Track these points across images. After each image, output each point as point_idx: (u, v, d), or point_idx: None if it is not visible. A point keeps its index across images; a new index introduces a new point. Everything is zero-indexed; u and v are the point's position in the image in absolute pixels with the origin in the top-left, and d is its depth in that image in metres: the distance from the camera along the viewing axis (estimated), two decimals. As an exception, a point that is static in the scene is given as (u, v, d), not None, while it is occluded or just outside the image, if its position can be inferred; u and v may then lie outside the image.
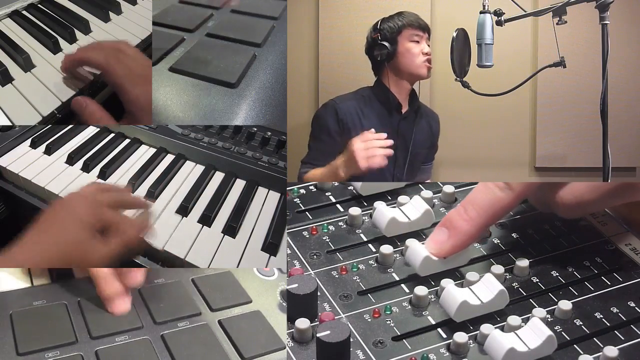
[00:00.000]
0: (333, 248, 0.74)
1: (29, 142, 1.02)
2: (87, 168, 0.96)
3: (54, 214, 0.67)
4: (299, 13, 1.52)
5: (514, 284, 0.70)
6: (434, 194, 0.81)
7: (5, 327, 0.65)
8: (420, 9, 1.43)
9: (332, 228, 0.77)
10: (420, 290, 0.67)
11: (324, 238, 0.75)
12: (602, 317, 0.67)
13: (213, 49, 0.98)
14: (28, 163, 0.96)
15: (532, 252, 0.74)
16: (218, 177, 0.96)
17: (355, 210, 0.77)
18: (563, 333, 0.65)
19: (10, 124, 0.79)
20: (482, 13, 1.16)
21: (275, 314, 0.73)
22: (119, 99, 0.80)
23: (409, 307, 0.68)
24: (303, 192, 0.82)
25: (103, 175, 0.92)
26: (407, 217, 0.75)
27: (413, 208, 0.76)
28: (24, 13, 1.07)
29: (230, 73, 0.89)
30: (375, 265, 0.72)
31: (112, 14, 1.09)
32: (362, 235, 0.76)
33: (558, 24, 1.11)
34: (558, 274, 0.72)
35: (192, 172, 0.97)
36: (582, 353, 0.63)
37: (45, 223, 0.65)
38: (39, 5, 1.11)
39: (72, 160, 0.98)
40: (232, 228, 0.81)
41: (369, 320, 0.66)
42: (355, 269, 0.72)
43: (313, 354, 0.62)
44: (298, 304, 0.65)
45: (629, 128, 1.53)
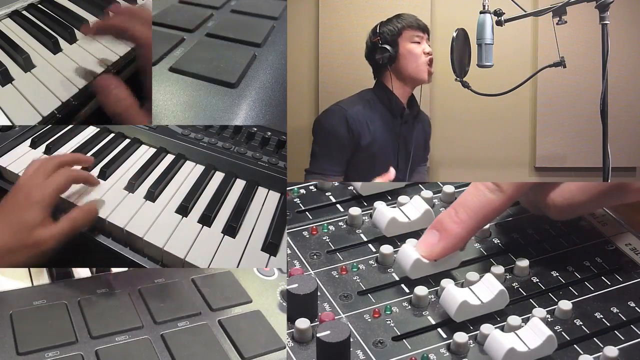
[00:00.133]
0: (333, 248, 0.74)
1: (29, 142, 1.01)
2: (87, 168, 0.96)
3: (11, 197, 0.74)
4: (299, 13, 1.52)
5: (514, 284, 0.70)
6: (434, 194, 0.81)
7: (5, 327, 0.65)
8: (420, 9, 1.44)
9: (332, 228, 0.77)
10: (420, 290, 0.67)
11: (324, 238, 0.75)
12: (602, 317, 0.67)
13: (213, 49, 0.97)
14: (28, 163, 0.96)
15: (532, 252, 0.74)
16: (218, 177, 0.96)
17: (355, 210, 0.77)
18: (563, 333, 0.65)
19: (10, 124, 0.79)
20: (482, 13, 1.16)
21: (275, 314, 0.73)
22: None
23: (409, 307, 0.68)
24: (303, 192, 0.82)
25: (103, 175, 0.91)
26: (407, 217, 0.75)
27: (413, 208, 0.76)
28: (24, 13, 1.07)
29: (230, 73, 0.89)
30: (375, 265, 0.72)
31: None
32: (362, 235, 0.76)
33: (558, 24, 1.11)
34: (558, 274, 0.72)
35: (192, 172, 0.97)
36: (582, 353, 0.63)
37: (3, 207, 0.73)
38: (39, 5, 1.10)
39: (72, 160, 0.97)
40: (232, 228, 0.81)
41: (369, 320, 0.66)
42: (355, 269, 0.72)
43: (313, 354, 0.62)
44: (298, 304, 0.65)
45: (629, 128, 1.53)
